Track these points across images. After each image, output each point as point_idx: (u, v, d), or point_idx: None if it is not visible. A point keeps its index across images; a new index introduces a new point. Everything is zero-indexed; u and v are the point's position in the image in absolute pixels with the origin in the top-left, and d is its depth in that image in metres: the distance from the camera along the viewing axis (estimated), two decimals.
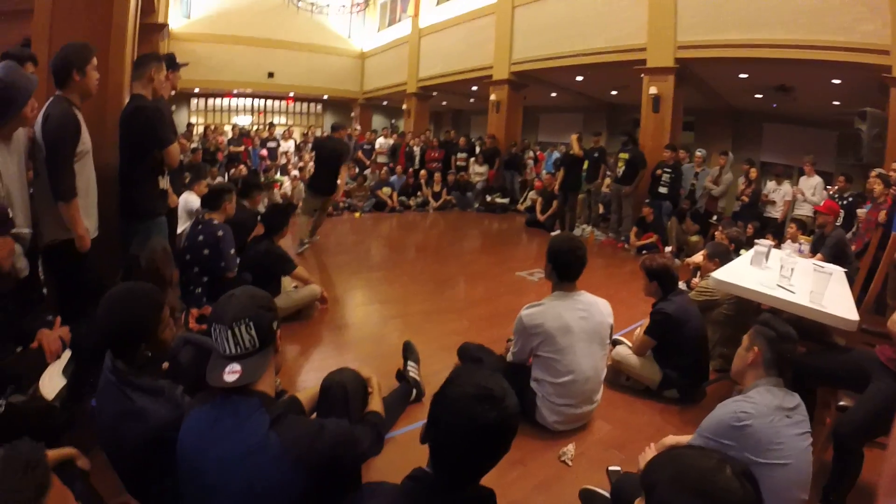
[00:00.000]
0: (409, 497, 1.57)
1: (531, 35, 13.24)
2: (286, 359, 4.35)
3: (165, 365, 2.47)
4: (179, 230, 5.74)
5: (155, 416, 1.93)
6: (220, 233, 4.51)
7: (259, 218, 5.53)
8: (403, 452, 3.06)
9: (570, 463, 3.18)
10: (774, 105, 12.92)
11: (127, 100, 4.10)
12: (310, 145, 15.01)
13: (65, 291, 3.47)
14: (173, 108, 17.76)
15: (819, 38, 7.99)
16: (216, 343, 1.83)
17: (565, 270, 3.43)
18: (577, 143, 10.62)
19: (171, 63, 4.62)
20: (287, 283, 5.21)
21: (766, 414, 2.15)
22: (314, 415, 2.54)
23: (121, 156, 3.94)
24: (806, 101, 11.54)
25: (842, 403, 3.01)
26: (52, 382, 2.54)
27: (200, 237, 4.51)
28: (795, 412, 2.22)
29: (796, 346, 2.33)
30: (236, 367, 1.79)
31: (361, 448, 2.06)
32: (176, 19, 18.01)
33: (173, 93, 4.80)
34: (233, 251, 4.58)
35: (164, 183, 4.15)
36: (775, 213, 9.35)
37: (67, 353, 2.73)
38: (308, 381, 3.92)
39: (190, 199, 6.23)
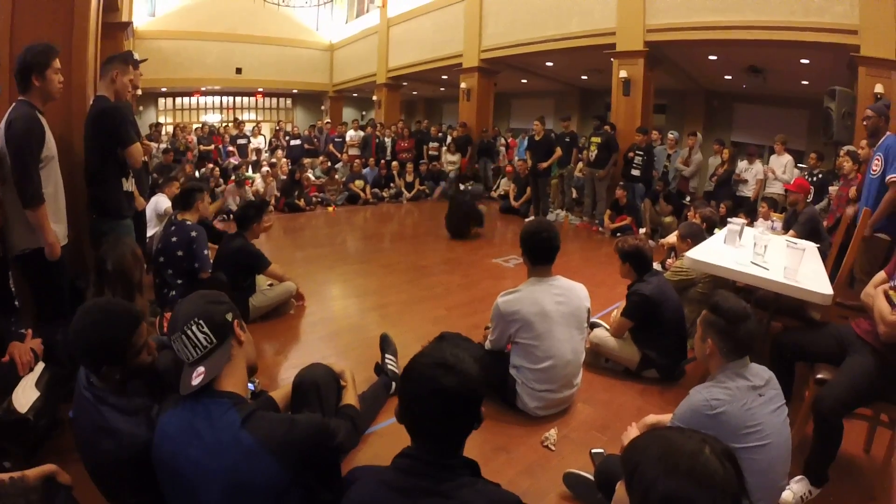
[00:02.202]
0: (400, 472, 1.60)
1: (500, 21, 13.21)
2: (265, 357, 4.31)
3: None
4: (150, 233, 5.66)
5: (129, 435, 1.90)
6: (194, 233, 4.46)
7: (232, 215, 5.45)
8: (387, 445, 3.05)
9: (553, 448, 3.18)
10: (744, 86, 13.02)
11: (91, 100, 4.02)
12: (283, 142, 14.94)
13: (39, 298, 3.41)
14: (140, 108, 17.63)
15: (788, 19, 8.05)
16: (179, 354, 1.82)
17: (538, 254, 3.43)
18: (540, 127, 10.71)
19: (131, 61, 4.54)
20: (262, 281, 5.16)
21: (738, 398, 2.13)
22: (288, 413, 2.51)
23: (86, 156, 3.88)
24: (776, 81, 11.62)
25: (819, 376, 3.03)
26: (25, 395, 2.50)
27: (174, 238, 4.45)
28: (767, 387, 2.21)
29: (751, 322, 2.26)
30: (200, 369, 1.79)
31: (336, 440, 2.04)
32: (141, 17, 17.69)
33: (139, 92, 4.72)
34: (206, 251, 4.53)
35: (129, 185, 4.08)
36: (748, 191, 9.42)
37: (41, 366, 2.69)
38: (288, 379, 3.86)
39: (160, 202, 6.15)
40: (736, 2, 8.70)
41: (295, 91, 23.49)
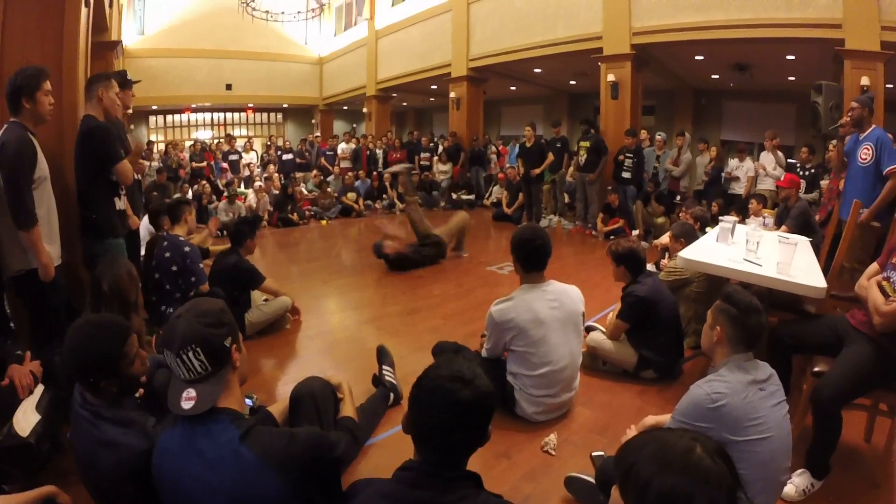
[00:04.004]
0: (402, 484, 1.58)
1: (488, 30, 13.29)
2: (262, 372, 4.31)
3: (141, 392, 2.42)
4: (144, 251, 5.65)
5: (126, 447, 1.89)
6: (187, 248, 4.47)
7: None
8: (387, 456, 3.05)
9: (553, 452, 3.18)
10: (732, 83, 13.09)
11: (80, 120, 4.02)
12: (273, 156, 14.94)
13: (35, 319, 3.39)
14: (131, 126, 17.57)
15: (773, 16, 8.15)
16: (172, 368, 1.81)
17: (529, 261, 3.41)
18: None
19: (123, 81, 4.53)
20: (257, 296, 5.14)
21: (739, 391, 2.14)
22: (287, 427, 2.51)
23: (76, 176, 3.88)
24: (762, 77, 11.73)
25: (817, 369, 3.05)
26: (26, 419, 2.46)
27: (167, 254, 4.45)
28: (768, 383, 2.22)
29: (761, 317, 2.29)
30: (192, 392, 1.77)
31: (336, 452, 2.03)
32: (130, 36, 17.69)
33: (129, 111, 4.71)
34: (200, 265, 4.53)
35: (121, 204, 4.07)
36: (739, 189, 9.47)
37: (40, 388, 2.66)
38: (286, 393, 3.85)
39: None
40: (720, 1, 8.76)
41: (285, 105, 23.51)
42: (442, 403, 1.54)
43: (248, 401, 3.28)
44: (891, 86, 7.63)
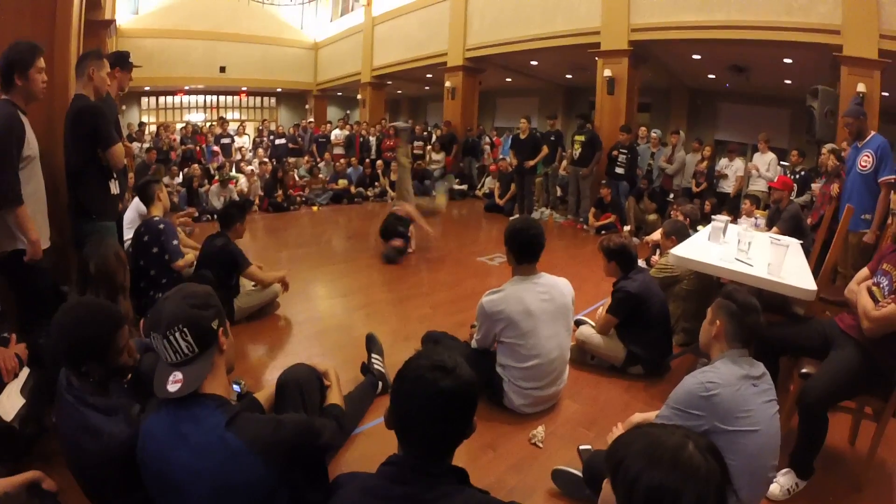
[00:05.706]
0: (385, 479, 1.57)
1: (485, 20, 13.23)
2: (250, 358, 4.29)
3: (128, 377, 2.40)
4: (129, 237, 5.59)
5: (109, 435, 1.87)
6: (162, 226, 4.40)
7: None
8: (374, 445, 3.05)
9: (540, 445, 3.19)
10: (728, 84, 13.10)
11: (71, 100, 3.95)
12: (265, 140, 14.83)
13: (21, 301, 3.34)
14: (123, 107, 17.44)
15: (772, 19, 8.14)
16: (158, 352, 1.79)
17: (523, 252, 3.41)
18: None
19: (123, 63, 4.46)
20: (247, 282, 5.10)
21: (732, 383, 2.17)
22: (273, 413, 2.50)
23: (67, 157, 3.80)
24: (759, 80, 11.72)
25: (804, 371, 3.06)
26: (10, 402, 2.45)
27: (145, 238, 4.38)
28: (761, 381, 2.25)
29: (759, 316, 2.34)
30: (178, 375, 1.75)
31: (322, 439, 2.02)
32: (124, 15, 17.48)
33: (122, 93, 4.65)
34: (176, 242, 4.45)
35: (115, 188, 3.99)
36: (727, 188, 9.52)
37: (25, 371, 2.64)
38: (273, 379, 3.81)
39: (141, 205, 6.06)
40: (720, 1, 8.75)
41: (279, 90, 23.41)
42: (423, 394, 1.52)
43: (235, 387, 3.26)
44: (887, 94, 7.65)
